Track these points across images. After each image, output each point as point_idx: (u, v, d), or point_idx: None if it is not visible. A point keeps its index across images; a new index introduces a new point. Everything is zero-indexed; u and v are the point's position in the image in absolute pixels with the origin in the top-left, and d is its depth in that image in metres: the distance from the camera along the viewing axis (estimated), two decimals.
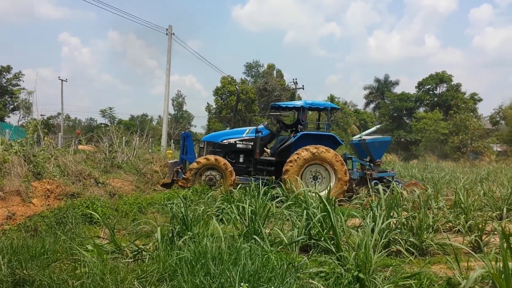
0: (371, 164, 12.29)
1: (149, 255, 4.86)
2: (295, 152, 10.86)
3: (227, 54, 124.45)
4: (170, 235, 5.51)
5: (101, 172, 10.74)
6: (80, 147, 15.43)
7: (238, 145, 11.60)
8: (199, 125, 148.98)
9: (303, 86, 54.71)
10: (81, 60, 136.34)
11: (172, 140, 40.02)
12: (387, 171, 12.52)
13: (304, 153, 10.78)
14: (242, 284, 3.40)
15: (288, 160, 10.81)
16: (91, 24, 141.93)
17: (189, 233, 5.33)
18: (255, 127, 11.83)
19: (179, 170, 11.45)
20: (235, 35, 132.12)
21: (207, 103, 57.91)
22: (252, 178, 9.57)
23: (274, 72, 56.75)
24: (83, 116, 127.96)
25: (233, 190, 8.67)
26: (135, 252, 5.05)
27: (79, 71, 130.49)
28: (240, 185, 9.04)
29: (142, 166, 12.15)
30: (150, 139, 20.99)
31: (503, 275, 3.33)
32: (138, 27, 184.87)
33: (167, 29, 30.10)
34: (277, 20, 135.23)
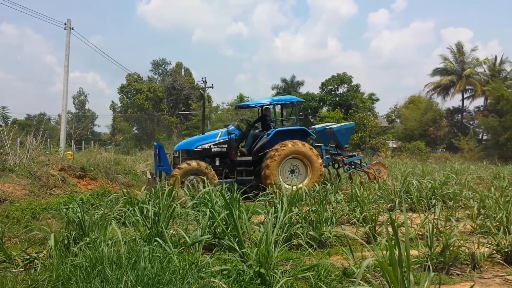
0: (337, 150, 13.08)
1: (41, 263, 4.55)
2: (273, 149, 11.28)
3: (133, 51, 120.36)
4: (66, 241, 5.21)
5: None
6: None
7: (213, 149, 11.68)
8: (103, 125, 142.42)
9: (212, 85, 54.73)
10: None
11: (73, 141, 37.83)
12: (355, 155, 13.43)
13: (282, 148, 11.24)
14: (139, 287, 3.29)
15: (267, 157, 11.21)
16: None
17: (86, 238, 5.07)
18: (226, 130, 11.85)
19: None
20: (141, 31, 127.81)
21: (112, 101, 55.68)
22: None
23: (183, 70, 56.07)
24: None
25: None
26: (27, 261, 4.70)
27: None
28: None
29: (36, 169, 11.32)
30: (48, 140, 19.66)
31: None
32: (35, 21, 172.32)
33: (65, 23, 28.42)
34: (184, 17, 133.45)
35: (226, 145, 11.67)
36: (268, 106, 12.54)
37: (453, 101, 46.54)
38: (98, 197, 8.87)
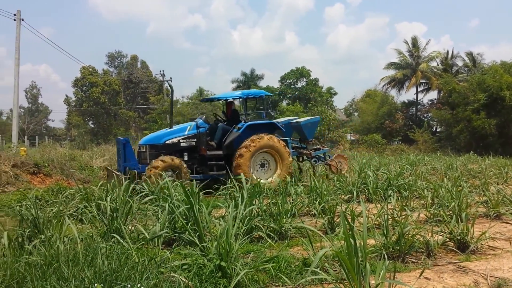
0: (301, 144, 13.39)
1: None
2: (249, 139, 11.21)
3: (86, 44, 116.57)
4: (20, 239, 5.03)
5: None
6: None
7: (181, 144, 11.35)
8: (57, 119, 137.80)
9: (170, 78, 53.91)
10: None
11: (26, 136, 36.48)
12: (320, 149, 13.78)
13: (258, 140, 11.23)
14: (96, 284, 3.23)
15: (238, 153, 11.09)
16: None
17: (41, 236, 4.92)
18: (194, 123, 11.57)
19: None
20: (94, 23, 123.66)
21: (66, 95, 53.68)
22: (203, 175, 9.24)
23: (139, 63, 54.91)
24: None
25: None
26: None
27: None
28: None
29: None
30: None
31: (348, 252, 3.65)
32: None
33: (15, 14, 27.28)
34: (138, 9, 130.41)
35: (195, 139, 11.45)
36: (238, 100, 12.48)
37: (408, 94, 47.69)
38: (53, 194, 8.59)
